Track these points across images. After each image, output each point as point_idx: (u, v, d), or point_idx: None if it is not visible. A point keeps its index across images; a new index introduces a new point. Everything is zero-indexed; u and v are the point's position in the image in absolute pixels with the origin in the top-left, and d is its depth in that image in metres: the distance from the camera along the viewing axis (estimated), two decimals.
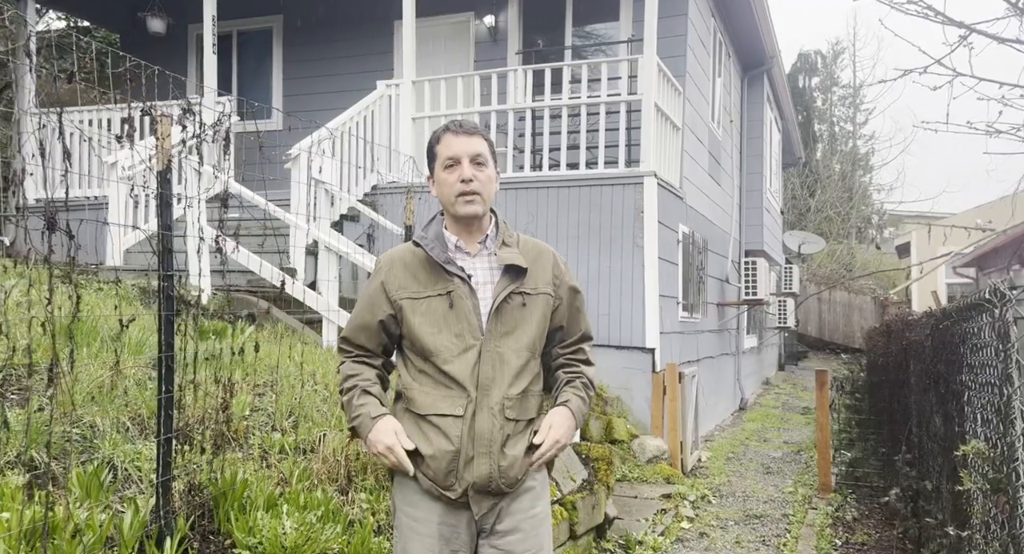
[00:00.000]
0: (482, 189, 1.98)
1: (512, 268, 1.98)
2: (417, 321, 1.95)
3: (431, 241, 2.01)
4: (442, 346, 1.93)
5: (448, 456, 1.89)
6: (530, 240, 2.11)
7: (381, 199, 7.95)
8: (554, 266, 2.07)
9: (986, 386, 1.99)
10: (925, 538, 3.98)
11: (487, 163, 2.01)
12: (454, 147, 1.98)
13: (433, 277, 1.98)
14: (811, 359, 19.19)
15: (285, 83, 10.30)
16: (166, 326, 2.09)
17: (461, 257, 2.01)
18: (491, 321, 1.95)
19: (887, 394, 5.67)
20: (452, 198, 1.97)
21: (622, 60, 7.75)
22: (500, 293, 1.96)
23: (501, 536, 1.95)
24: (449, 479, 1.90)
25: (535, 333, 1.99)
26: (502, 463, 1.91)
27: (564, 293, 2.06)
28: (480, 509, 1.92)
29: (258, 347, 2.78)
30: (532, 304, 1.99)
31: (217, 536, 2.36)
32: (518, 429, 1.96)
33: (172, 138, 2.07)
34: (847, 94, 32.74)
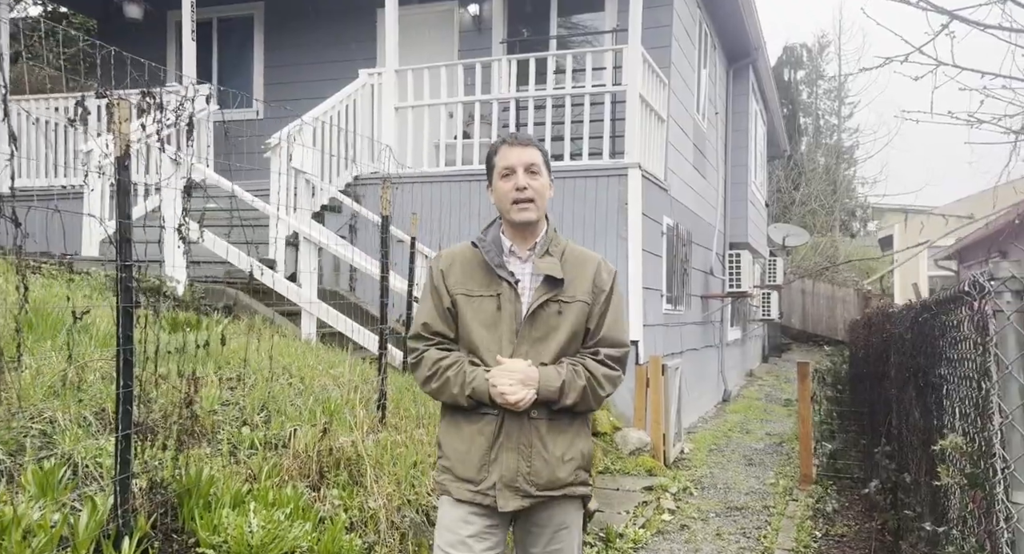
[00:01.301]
0: (536, 197, 2.10)
1: (550, 277, 2.09)
2: (470, 316, 2.10)
3: (488, 244, 2.14)
4: (487, 343, 2.07)
5: (480, 450, 2.03)
6: (578, 249, 2.21)
7: (363, 190, 7.86)
8: (596, 275, 2.15)
9: (964, 380, 1.96)
10: (904, 530, 3.98)
11: (541, 172, 2.12)
12: (510, 158, 2.10)
13: (487, 278, 2.11)
14: (795, 351, 19.29)
15: (266, 71, 10.14)
16: (124, 318, 2.01)
17: (513, 261, 2.14)
18: (525, 326, 2.08)
19: (868, 386, 5.68)
20: (508, 205, 2.11)
21: (607, 50, 7.68)
22: (536, 301, 2.08)
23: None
24: (481, 473, 2.03)
25: (567, 339, 2.09)
26: (534, 461, 2.02)
27: (600, 299, 2.14)
28: (507, 504, 2.01)
29: (224, 340, 2.70)
30: (567, 312, 2.09)
31: (181, 535, 2.29)
32: (554, 426, 2.05)
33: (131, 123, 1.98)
34: (832, 87, 32.87)
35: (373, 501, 2.90)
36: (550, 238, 2.15)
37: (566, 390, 2.02)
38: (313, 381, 3.83)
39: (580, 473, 2.11)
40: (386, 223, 3.49)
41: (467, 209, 7.38)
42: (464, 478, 2.06)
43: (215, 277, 6.28)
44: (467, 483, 2.06)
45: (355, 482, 2.97)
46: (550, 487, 2.04)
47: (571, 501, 2.11)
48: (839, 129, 32.72)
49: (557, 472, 2.04)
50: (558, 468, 2.04)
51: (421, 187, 7.46)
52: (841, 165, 30.81)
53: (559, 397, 2.02)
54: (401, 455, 3.23)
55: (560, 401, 2.03)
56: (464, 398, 2.04)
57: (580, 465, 2.11)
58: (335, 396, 3.56)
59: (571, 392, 2.03)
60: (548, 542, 2.09)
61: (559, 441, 2.05)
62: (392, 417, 3.64)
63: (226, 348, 3.65)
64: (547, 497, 2.05)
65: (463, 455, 2.07)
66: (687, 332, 9.18)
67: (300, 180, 6.85)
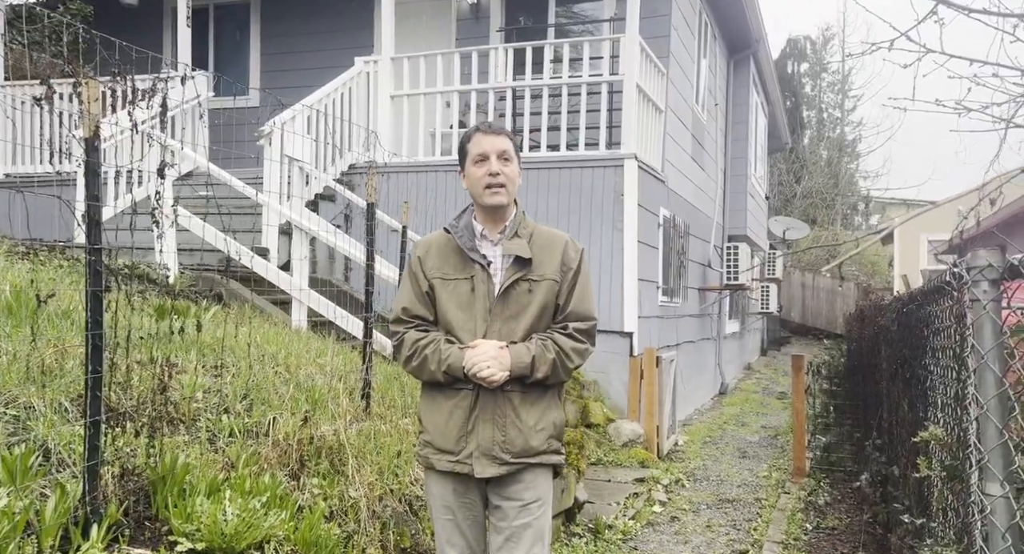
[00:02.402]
0: (507, 182, 2.22)
1: (519, 257, 2.21)
2: (445, 298, 2.23)
3: (461, 230, 2.27)
4: (462, 322, 2.21)
5: (458, 423, 2.18)
6: (545, 230, 2.33)
7: (358, 179, 7.80)
8: (563, 253, 2.27)
9: (945, 371, 1.93)
10: (893, 523, 3.96)
11: (512, 160, 2.25)
12: (483, 145, 2.23)
13: (460, 263, 2.24)
14: (794, 344, 19.25)
15: (263, 59, 10.08)
16: (93, 302, 1.98)
17: (485, 245, 2.27)
18: (497, 305, 2.21)
19: (862, 379, 5.65)
20: (480, 190, 2.23)
21: (604, 39, 7.61)
22: (506, 280, 2.21)
23: (506, 490, 2.22)
24: (459, 444, 2.17)
25: (537, 315, 2.22)
26: (508, 431, 2.17)
27: (568, 276, 2.26)
28: (484, 471, 2.15)
29: (199, 326, 2.67)
30: (537, 289, 2.22)
31: (153, 523, 2.27)
32: (527, 398, 2.19)
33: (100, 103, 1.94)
34: (836, 80, 32.65)
35: (354, 490, 2.88)
36: (519, 221, 2.28)
37: (536, 365, 2.15)
38: (298, 369, 3.81)
39: (552, 442, 2.25)
40: (371, 210, 3.46)
41: (463, 198, 7.33)
42: (444, 449, 2.21)
43: (208, 265, 6.25)
44: (447, 454, 2.21)
45: (336, 471, 2.94)
46: (524, 454, 2.18)
47: (543, 470, 2.24)
48: (842, 122, 32.53)
49: (530, 441, 2.18)
50: (531, 437, 2.18)
51: (416, 176, 7.42)
52: (844, 158, 30.66)
53: (531, 372, 2.15)
54: (385, 445, 3.21)
55: (532, 375, 2.15)
56: (441, 374, 2.17)
57: (552, 434, 2.24)
58: (320, 385, 3.53)
59: (541, 366, 2.15)
60: (520, 512, 2.20)
61: (532, 412, 2.20)
62: (378, 406, 3.61)
63: (211, 335, 3.63)
64: (523, 464, 2.18)
65: (442, 428, 2.21)
66: (683, 324, 9.14)
67: (294, 168, 6.81)
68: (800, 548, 4.56)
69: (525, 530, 2.18)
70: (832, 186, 28.40)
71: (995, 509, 1.42)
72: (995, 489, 1.41)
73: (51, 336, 3.11)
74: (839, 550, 4.52)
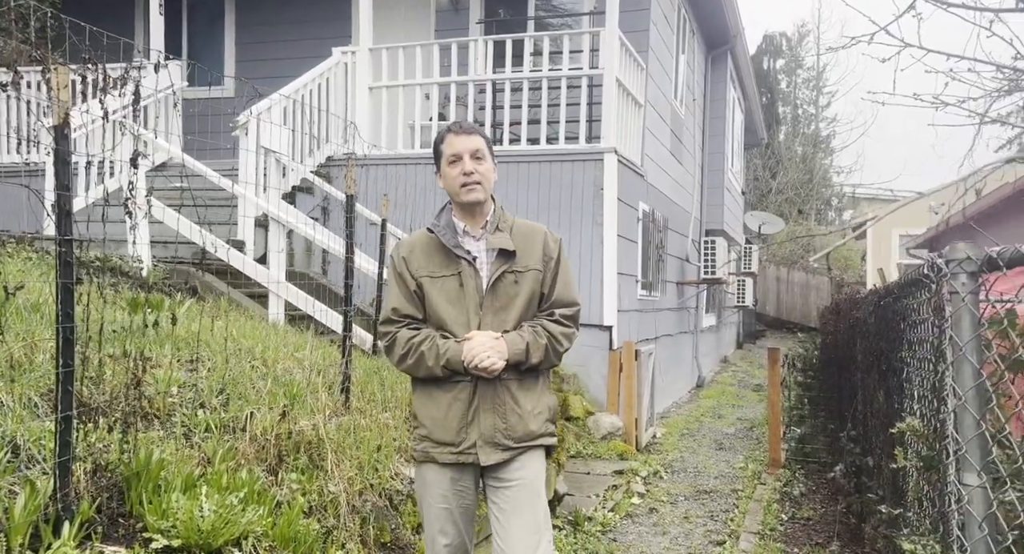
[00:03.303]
0: (481, 179, 2.28)
1: (503, 250, 2.29)
2: (435, 295, 2.29)
3: (443, 228, 2.32)
4: (454, 317, 2.27)
5: (457, 413, 2.24)
6: (524, 222, 2.41)
7: (336, 171, 7.73)
8: (544, 244, 2.35)
9: (922, 363, 1.95)
10: (867, 513, 4.02)
11: (485, 157, 2.31)
12: (456, 145, 2.29)
13: (446, 260, 2.30)
14: (769, 337, 19.48)
15: (238, 49, 9.92)
16: (64, 295, 1.93)
17: (468, 241, 2.33)
18: (487, 297, 2.28)
19: (836, 371, 5.72)
20: (457, 188, 2.29)
21: (584, 33, 7.60)
22: (494, 273, 2.28)
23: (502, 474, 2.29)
24: (460, 435, 2.24)
25: (525, 305, 2.30)
26: (509, 418, 2.25)
27: (551, 265, 2.35)
28: (488, 458, 2.23)
29: (175, 320, 2.62)
30: (523, 280, 2.30)
31: (127, 520, 2.23)
32: (523, 385, 2.27)
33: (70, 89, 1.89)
34: (811, 77, 32.98)
35: (333, 485, 2.85)
36: (498, 215, 2.36)
37: (531, 351, 2.23)
38: (276, 364, 3.76)
39: (548, 425, 2.35)
40: (351, 202, 3.41)
41: (441, 191, 7.28)
42: (444, 442, 2.27)
43: (182, 258, 6.14)
44: (448, 446, 2.26)
45: (315, 466, 2.91)
46: (524, 439, 2.28)
47: (537, 452, 2.33)
48: (817, 118, 32.89)
49: (530, 425, 2.28)
50: (530, 421, 2.28)
51: (396, 169, 7.36)
52: (818, 154, 31.02)
53: (526, 358, 2.23)
54: (364, 439, 3.18)
55: (527, 361, 2.24)
56: (439, 368, 2.23)
57: (548, 417, 2.36)
58: (298, 379, 3.49)
59: (535, 351, 2.24)
60: (515, 493, 2.28)
61: (529, 397, 2.29)
62: (357, 401, 3.58)
63: (186, 329, 3.57)
64: (523, 448, 2.28)
65: (440, 421, 2.27)
66: (662, 318, 9.19)
67: (271, 160, 6.72)
68: (776, 538, 4.61)
69: (522, 504, 2.27)
70: (807, 181, 28.73)
71: (972, 499, 1.43)
72: (972, 479, 1.43)
73: (19, 329, 3.04)
74: (814, 540, 4.58)
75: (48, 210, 1.89)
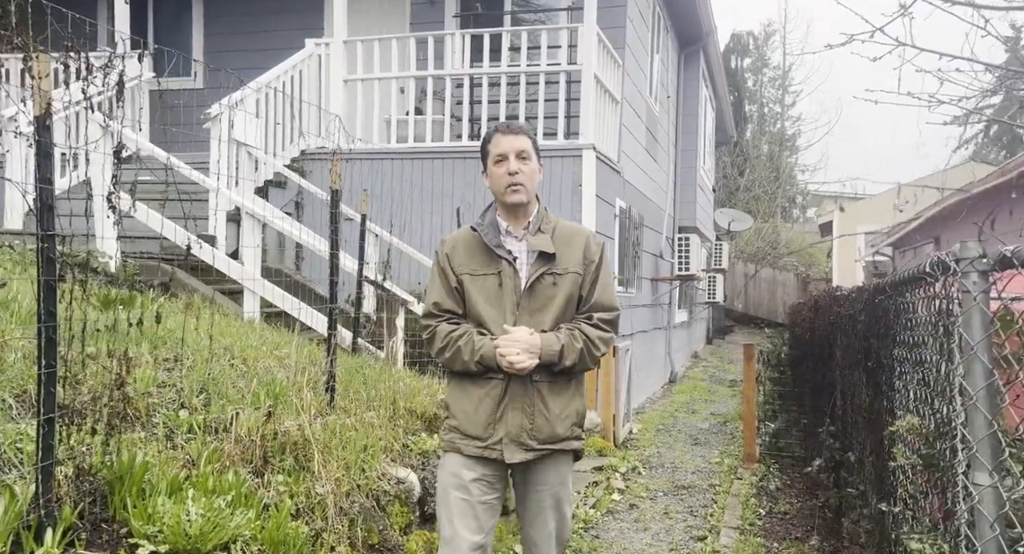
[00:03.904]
0: (526, 181, 2.33)
1: (543, 252, 2.32)
2: (475, 293, 2.34)
3: (486, 227, 2.38)
4: (492, 316, 2.31)
5: (487, 410, 2.28)
6: (568, 224, 2.45)
7: (310, 165, 7.60)
8: (585, 248, 2.38)
9: (921, 361, 1.97)
10: (846, 507, 4.08)
11: (531, 157, 2.36)
12: (502, 145, 2.33)
13: (487, 258, 2.35)
14: (737, 333, 19.76)
15: (207, 39, 9.69)
16: (46, 293, 1.84)
17: (510, 241, 2.37)
18: (524, 298, 2.32)
19: (812, 368, 5.80)
20: (501, 189, 2.34)
21: (562, 28, 7.58)
22: (532, 275, 2.32)
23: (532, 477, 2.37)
24: (488, 430, 2.28)
25: (563, 307, 2.33)
26: (536, 419, 2.29)
27: (591, 269, 2.38)
28: (513, 457, 2.27)
29: (160, 318, 2.54)
30: (561, 282, 2.33)
31: (111, 525, 2.14)
32: (554, 388, 2.31)
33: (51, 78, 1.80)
34: (776, 76, 33.48)
35: (321, 487, 2.79)
36: (541, 217, 2.39)
37: (565, 353, 2.26)
38: (256, 362, 3.67)
39: (575, 429, 2.38)
40: (336, 198, 3.34)
41: (419, 187, 7.22)
42: (472, 435, 2.31)
43: (150, 253, 5.97)
44: (475, 440, 2.31)
45: (301, 467, 2.84)
46: (550, 441, 2.31)
47: (565, 455, 2.38)
48: (782, 117, 33.41)
49: (556, 428, 2.31)
50: (557, 424, 2.31)
51: (371, 163, 7.26)
52: (784, 153, 31.52)
53: (559, 360, 2.26)
54: (351, 439, 3.12)
55: (560, 364, 2.26)
56: (474, 364, 2.27)
57: (575, 422, 2.38)
58: (280, 378, 3.41)
59: (570, 354, 2.26)
60: (542, 497, 2.37)
61: (558, 401, 2.32)
62: (341, 400, 3.51)
63: (162, 327, 3.46)
64: (548, 450, 2.32)
65: (471, 415, 2.32)
66: (637, 315, 9.24)
67: (242, 153, 6.57)
68: (755, 533, 4.66)
69: (548, 511, 2.36)
70: (773, 180, 29.18)
71: (983, 498, 1.44)
72: (983, 479, 1.44)
73: None
74: (793, 534, 4.64)
75: (31, 205, 1.80)
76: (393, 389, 3.85)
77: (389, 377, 4.09)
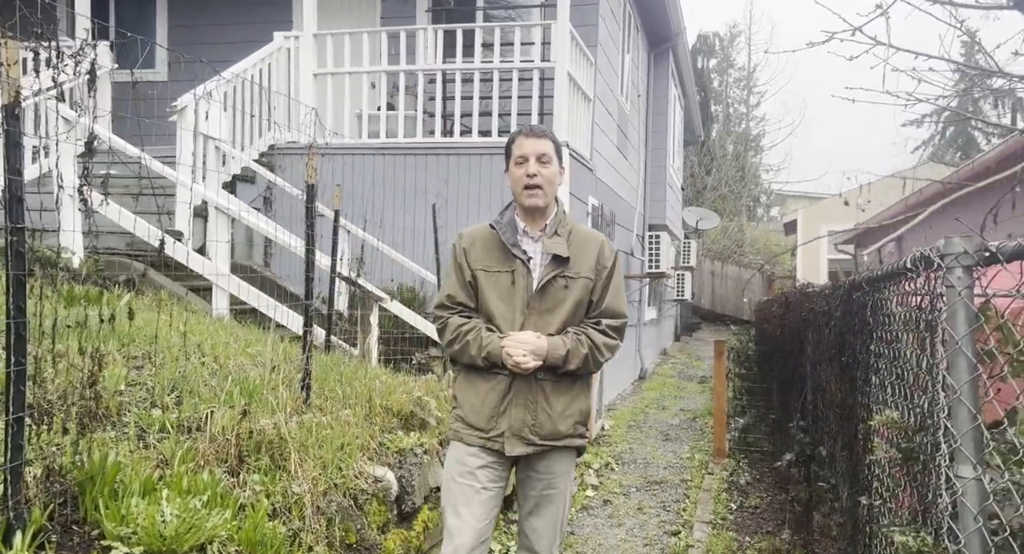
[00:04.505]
0: (544, 184, 2.38)
1: (557, 255, 2.38)
2: (488, 289, 2.41)
3: (504, 226, 2.44)
4: (502, 312, 2.39)
5: (492, 404, 2.36)
6: (583, 230, 2.52)
7: (279, 160, 7.47)
8: (599, 253, 2.44)
9: (902, 357, 2.00)
10: (817, 501, 4.14)
11: (551, 161, 2.42)
12: (524, 147, 2.40)
13: (503, 256, 2.41)
14: (704, 330, 20.02)
15: (171, 31, 9.47)
16: (16, 288, 1.77)
17: (526, 241, 2.44)
18: (535, 299, 2.38)
19: (780, 363, 5.89)
20: (520, 190, 2.41)
21: (536, 25, 7.58)
22: (544, 277, 2.39)
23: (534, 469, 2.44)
24: (491, 423, 2.36)
25: (572, 310, 2.39)
26: (538, 415, 2.35)
27: (603, 275, 2.44)
28: (513, 450, 2.34)
29: (132, 314, 2.46)
30: (573, 286, 2.39)
31: (82, 526, 2.08)
32: (558, 388, 2.37)
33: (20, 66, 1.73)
34: (742, 76, 33.96)
35: (297, 486, 2.74)
36: (559, 220, 2.45)
37: (570, 358, 2.32)
38: (228, 360, 3.60)
39: (578, 427, 2.44)
40: (312, 192, 3.29)
41: (392, 183, 7.15)
42: (475, 426, 2.40)
43: (115, 249, 5.81)
44: (478, 431, 2.40)
45: (278, 466, 2.79)
46: (551, 438, 2.38)
47: (567, 451, 2.45)
48: (747, 117, 33.90)
49: (558, 425, 2.38)
50: (559, 422, 2.38)
51: (343, 159, 7.16)
52: (748, 152, 32.01)
53: (563, 364, 2.33)
54: (327, 437, 3.07)
55: (564, 367, 2.33)
56: (480, 359, 2.34)
57: (578, 420, 2.44)
58: (254, 376, 3.35)
59: (574, 359, 2.33)
60: (544, 487, 2.44)
61: (561, 399, 2.38)
62: (317, 398, 3.46)
63: (129, 324, 3.36)
64: (549, 446, 2.39)
65: (476, 407, 2.40)
66: None
67: (210, 146, 6.43)
68: (728, 527, 4.72)
69: (549, 503, 2.44)
70: (739, 179, 29.61)
71: (967, 491, 1.47)
72: (967, 472, 1.46)
73: None
74: (764, 528, 4.71)
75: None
76: (369, 387, 3.81)
77: (365, 375, 4.04)
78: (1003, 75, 2.45)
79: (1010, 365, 1.52)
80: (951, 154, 32.25)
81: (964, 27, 2.55)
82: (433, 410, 3.93)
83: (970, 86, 2.78)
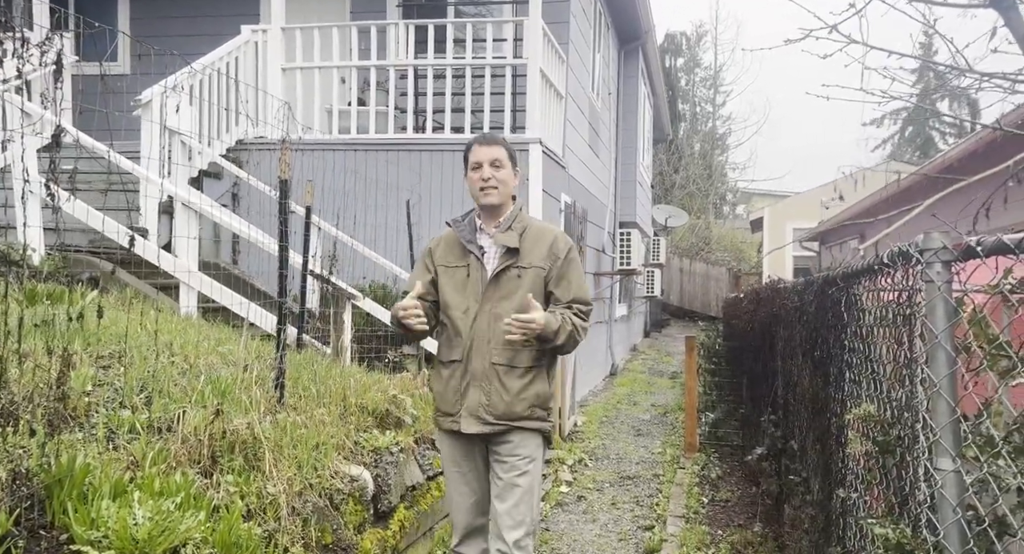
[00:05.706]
0: (499, 184, 2.62)
1: (510, 247, 2.60)
2: (445, 282, 2.68)
3: (463, 225, 2.70)
4: (457, 303, 2.63)
5: (453, 387, 2.62)
6: (540, 225, 2.75)
7: (247, 155, 7.34)
8: (552, 245, 2.64)
9: (878, 352, 2.03)
10: (788, 494, 4.21)
11: (504, 165, 2.66)
12: (478, 154, 2.65)
13: (461, 252, 2.67)
14: (673, 326, 20.22)
15: (133, 23, 9.24)
16: None
17: (483, 237, 2.68)
18: (489, 288, 2.61)
19: (751, 359, 5.97)
20: (477, 191, 2.65)
21: (508, 21, 7.56)
22: (497, 267, 2.61)
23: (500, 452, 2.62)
24: (455, 407, 2.60)
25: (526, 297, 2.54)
26: (492, 396, 2.55)
27: (557, 266, 2.63)
28: (469, 428, 2.56)
29: (101, 313, 2.39)
30: (525, 276, 2.60)
31: (50, 531, 2.01)
32: (512, 372, 2.56)
33: None
34: (708, 76, 34.35)
35: (272, 486, 2.69)
36: (514, 216, 2.67)
37: (559, 332, 2.50)
38: (199, 359, 3.52)
39: (536, 410, 2.61)
40: (285, 188, 3.23)
41: (364, 179, 7.07)
42: (444, 412, 2.66)
43: (77, 246, 5.65)
44: (447, 416, 2.65)
45: (252, 467, 2.74)
46: (507, 418, 2.56)
47: (530, 434, 2.60)
48: (714, 116, 34.31)
49: (513, 407, 2.56)
50: (515, 404, 2.56)
51: (314, 154, 7.05)
52: (715, 151, 32.41)
53: (554, 337, 2.49)
54: (302, 437, 3.02)
55: (553, 340, 2.50)
56: (392, 324, 2.67)
57: (535, 403, 2.60)
58: (226, 376, 3.28)
59: (562, 334, 2.51)
60: (508, 470, 2.58)
61: (516, 382, 2.57)
62: (291, 397, 3.40)
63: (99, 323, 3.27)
64: (506, 426, 2.56)
65: (443, 393, 2.66)
66: None
67: (175, 141, 6.29)
68: (700, 521, 4.77)
69: (514, 486, 2.57)
70: (706, 177, 29.97)
71: (946, 483, 1.49)
72: (946, 464, 1.49)
73: None
74: (736, 521, 4.77)
75: None
76: (343, 385, 3.76)
77: (339, 373, 3.99)
78: (974, 73, 2.51)
79: (986, 359, 1.54)
80: (910, 153, 33.01)
81: (935, 26, 2.60)
82: (409, 408, 3.90)
83: (939, 85, 2.84)
